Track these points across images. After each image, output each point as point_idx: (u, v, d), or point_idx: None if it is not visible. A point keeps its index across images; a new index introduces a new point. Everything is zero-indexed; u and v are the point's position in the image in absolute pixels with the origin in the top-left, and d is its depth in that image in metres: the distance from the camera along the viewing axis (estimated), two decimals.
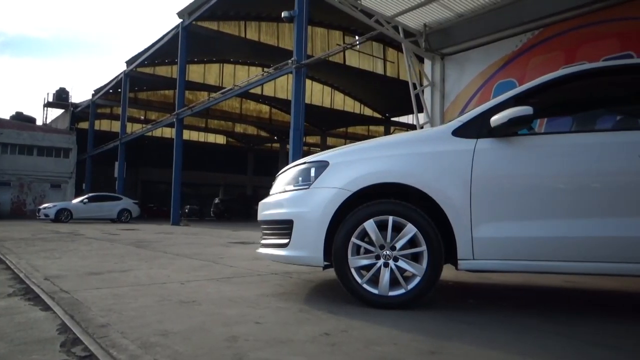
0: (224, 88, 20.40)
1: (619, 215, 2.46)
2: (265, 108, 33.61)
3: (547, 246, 2.50)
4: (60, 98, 33.91)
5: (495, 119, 2.59)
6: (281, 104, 31.18)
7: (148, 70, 26.72)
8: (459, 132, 2.72)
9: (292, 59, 12.13)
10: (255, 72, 27.05)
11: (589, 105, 3.58)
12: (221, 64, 29.03)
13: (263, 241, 3.17)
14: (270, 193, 3.22)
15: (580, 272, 2.57)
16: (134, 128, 29.46)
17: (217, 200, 33.26)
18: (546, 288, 3.71)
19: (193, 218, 31.00)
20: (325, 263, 2.75)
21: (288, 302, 2.80)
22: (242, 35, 23.89)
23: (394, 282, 2.61)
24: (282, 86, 29.08)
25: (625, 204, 2.47)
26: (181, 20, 19.33)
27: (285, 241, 2.85)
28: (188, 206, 33.27)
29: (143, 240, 8.22)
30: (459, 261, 2.58)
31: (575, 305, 3.07)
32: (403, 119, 32.96)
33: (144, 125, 27.81)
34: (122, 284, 3.38)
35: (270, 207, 3.08)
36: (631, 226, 2.43)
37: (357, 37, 23.31)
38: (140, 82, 27.38)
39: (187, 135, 33.40)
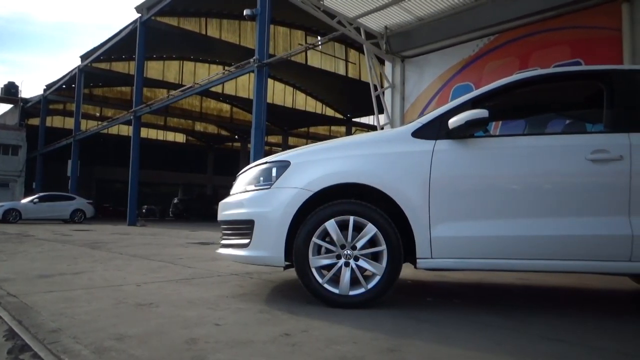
0: (184, 86, 20.04)
1: (568, 215, 2.58)
2: (226, 107, 33.19)
3: (501, 245, 2.59)
4: (9, 93, 32.32)
5: (453, 121, 2.66)
6: (242, 103, 30.87)
7: (104, 65, 25.86)
8: (418, 134, 2.77)
9: (254, 57, 12.03)
10: (217, 70, 26.66)
11: (540, 109, 3.73)
12: (181, 61, 28.45)
13: (223, 241, 3.13)
14: (231, 193, 3.18)
15: (532, 269, 2.68)
16: (88, 125, 28.44)
17: (176, 200, 32.59)
18: (500, 285, 3.83)
19: (151, 218, 30.25)
20: (286, 263, 2.74)
21: (248, 302, 2.78)
22: (203, 32, 23.50)
23: (354, 282, 2.63)
24: (243, 85, 28.80)
25: (574, 204, 2.59)
26: (139, 15, 18.82)
27: (245, 241, 2.82)
28: (145, 206, 32.44)
29: (98, 241, 7.95)
30: (417, 260, 2.63)
31: (527, 301, 3.19)
32: (364, 119, 33.32)
33: (99, 123, 26.88)
34: (74, 287, 3.25)
35: (231, 207, 3.05)
36: (579, 225, 2.55)
37: (319, 38, 23.37)
38: (95, 77, 26.45)
39: (145, 133, 32.57)
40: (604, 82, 2.85)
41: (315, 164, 2.79)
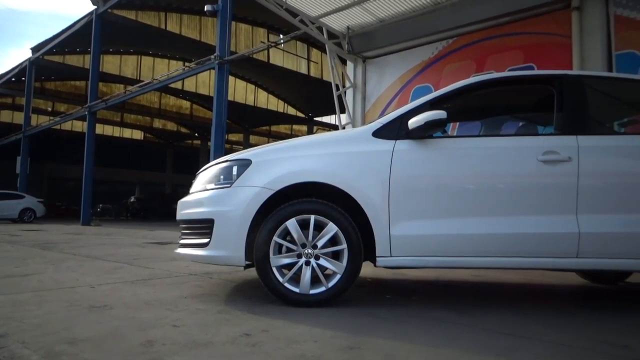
0: (142, 81, 19.47)
1: (521, 213, 2.68)
2: (186, 104, 32.53)
3: (458, 243, 2.67)
4: None
5: (413, 122, 2.71)
6: (203, 100, 30.33)
7: (57, 58, 24.80)
8: (378, 134, 2.81)
9: (215, 54, 11.85)
10: (176, 66, 26.07)
11: (495, 112, 3.86)
12: (139, 56, 27.66)
13: (182, 241, 3.07)
14: (190, 191, 3.12)
15: (486, 266, 2.77)
16: (40, 120, 27.21)
17: (132, 199, 31.69)
18: (456, 282, 3.94)
19: (106, 217, 29.29)
20: (247, 262, 2.73)
21: (208, 303, 2.74)
22: (163, 27, 22.93)
23: (315, 280, 2.64)
24: (204, 82, 28.31)
25: (526, 203, 2.69)
26: (95, 7, 18.17)
27: (205, 241, 2.78)
28: (100, 205, 31.39)
29: (49, 242, 7.63)
30: (377, 258, 2.67)
31: (482, 297, 3.29)
32: (326, 119, 33.44)
33: (51, 118, 25.77)
34: (23, 290, 3.11)
35: (190, 205, 2.99)
36: (531, 224, 2.66)
37: (281, 36, 23.29)
38: (48, 71, 25.33)
39: (101, 129, 31.49)
40: (554, 87, 2.97)
41: (277, 163, 2.78)
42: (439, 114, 2.64)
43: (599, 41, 6.22)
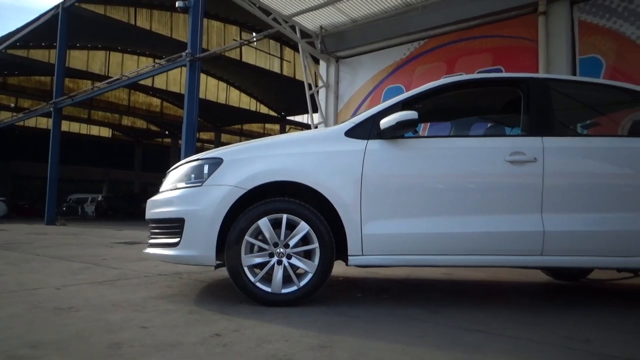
0: (111, 77, 19.01)
1: (489, 212, 2.74)
2: (156, 101, 31.92)
3: (428, 241, 2.71)
4: None
5: (384, 122, 2.74)
6: (173, 98, 29.83)
7: (21, 53, 23.92)
8: (351, 133, 2.83)
9: (187, 51, 11.67)
10: (146, 62, 25.55)
11: (465, 113, 3.93)
12: (107, 52, 26.96)
13: (151, 241, 3.01)
14: (160, 190, 3.07)
15: (455, 264, 2.82)
16: (2, 117, 26.24)
17: (100, 198, 30.90)
18: (426, 280, 4.00)
19: (72, 217, 28.49)
20: (218, 262, 2.70)
21: (177, 303, 2.70)
22: (132, 22, 22.41)
23: (286, 280, 2.64)
24: (175, 79, 27.84)
25: (494, 203, 2.76)
26: (62, 0, 17.63)
27: (175, 240, 2.74)
28: (66, 204, 30.49)
29: (11, 242, 7.37)
30: (349, 257, 2.69)
31: (451, 295, 3.35)
32: (298, 118, 33.40)
33: (14, 114, 24.88)
34: None
35: (160, 204, 2.94)
36: (499, 222, 2.72)
37: (254, 34, 23.12)
38: (10, 65, 24.41)
39: (67, 126, 30.59)
40: (521, 89, 3.05)
41: (249, 162, 2.76)
42: (410, 114, 2.68)
43: (564, 45, 6.42)
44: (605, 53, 6.15)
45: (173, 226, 2.77)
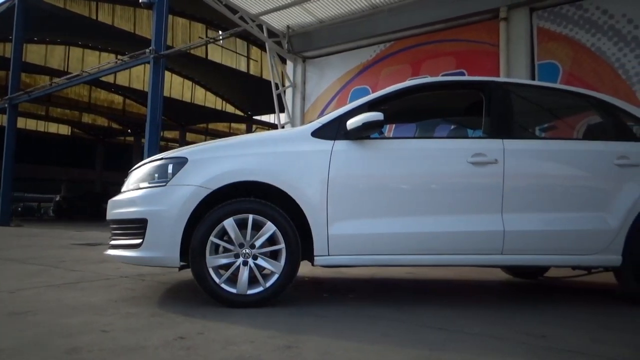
0: (70, 73, 18.40)
1: (452, 212, 2.81)
2: (118, 98, 31.05)
3: (393, 241, 2.75)
4: None
5: (351, 123, 2.76)
6: (137, 95, 29.08)
7: None
8: (317, 134, 2.84)
9: (151, 48, 11.41)
10: (108, 58, 24.81)
11: (429, 114, 4.01)
12: (67, 47, 26.04)
13: (113, 242, 2.93)
14: (122, 190, 2.99)
15: (419, 263, 2.88)
16: None
17: (58, 198, 29.82)
18: (391, 279, 4.05)
19: (28, 217, 27.39)
20: (182, 263, 2.66)
21: (140, 306, 2.64)
22: (94, 17, 21.72)
23: (252, 280, 2.62)
24: (138, 76, 27.16)
25: (457, 203, 2.83)
26: None
27: (138, 241, 2.67)
28: (22, 204, 29.30)
29: None
30: (315, 257, 2.69)
31: (416, 294, 3.41)
32: (265, 118, 33.18)
33: None
34: None
35: (122, 205, 2.87)
36: (461, 222, 2.79)
37: (220, 32, 22.84)
38: None
39: (23, 123, 29.38)
40: (483, 92, 3.14)
41: (214, 161, 2.73)
42: (376, 115, 2.71)
43: (524, 51, 6.64)
44: (562, 59, 6.39)
45: (135, 227, 2.71)
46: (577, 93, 3.42)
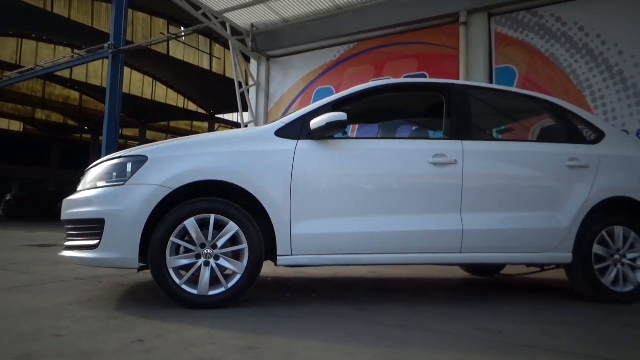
0: (23, 67, 17.62)
1: (413, 212, 2.86)
2: (74, 94, 29.96)
3: (356, 241, 2.77)
4: None
5: (314, 123, 2.76)
6: (94, 91, 28.13)
7: None
8: (281, 133, 2.83)
9: (109, 42, 11.10)
10: (64, 52, 23.89)
11: (392, 115, 4.07)
12: (20, 39, 24.91)
13: (67, 243, 2.82)
14: (78, 189, 2.89)
15: (381, 263, 2.92)
16: None
17: (8, 197, 28.51)
18: (354, 279, 4.09)
19: None
20: (141, 264, 2.59)
21: (96, 309, 2.55)
22: (49, 9, 20.89)
23: (214, 281, 2.59)
24: (95, 71, 26.32)
25: (418, 203, 2.88)
26: None
27: (94, 242, 2.59)
28: None
29: None
30: (278, 257, 2.69)
31: (377, 293, 3.46)
32: (228, 116, 32.81)
33: None
34: None
35: (78, 204, 2.77)
36: (422, 222, 2.85)
37: (182, 29, 22.43)
38: None
39: None
40: (443, 95, 3.21)
41: (175, 160, 2.67)
42: (339, 115, 2.72)
43: (482, 55, 6.83)
44: (518, 64, 6.62)
45: (92, 227, 2.62)
46: (532, 97, 3.55)
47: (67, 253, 2.78)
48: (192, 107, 32.28)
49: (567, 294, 3.48)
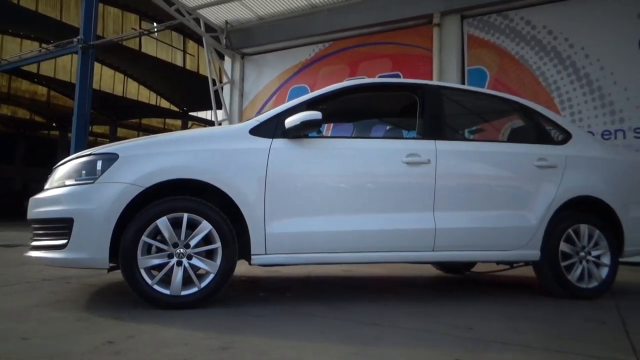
0: None
1: (387, 211, 2.89)
2: (42, 89, 29.08)
3: (330, 239, 2.78)
4: None
5: (289, 121, 2.76)
6: (63, 87, 27.38)
7: None
8: (255, 131, 2.81)
9: (79, 37, 10.80)
10: (31, 46, 23.18)
11: (366, 115, 4.10)
12: None
13: (34, 243, 2.74)
14: (46, 187, 2.81)
15: (355, 261, 2.94)
16: None
17: None
18: (327, 277, 4.11)
19: None
20: (111, 265, 2.54)
21: (64, 311, 2.49)
22: (15, 1, 20.22)
23: (187, 281, 2.55)
24: (64, 66, 25.59)
25: (391, 202, 2.91)
26: None
27: (62, 242, 2.52)
28: None
29: None
30: (252, 256, 2.67)
31: (351, 291, 3.48)
32: (202, 114, 32.41)
33: None
34: None
35: (45, 203, 2.69)
36: (395, 220, 2.88)
37: (155, 24, 22.03)
38: None
39: None
40: (417, 95, 3.25)
41: (147, 158, 2.63)
42: (314, 114, 2.72)
43: (455, 56, 6.95)
44: (489, 65, 6.76)
45: (60, 226, 2.55)
46: (503, 98, 3.63)
47: (33, 253, 2.70)
48: (164, 104, 31.76)
49: (534, 291, 3.57)
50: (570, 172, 3.28)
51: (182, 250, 2.56)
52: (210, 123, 28.21)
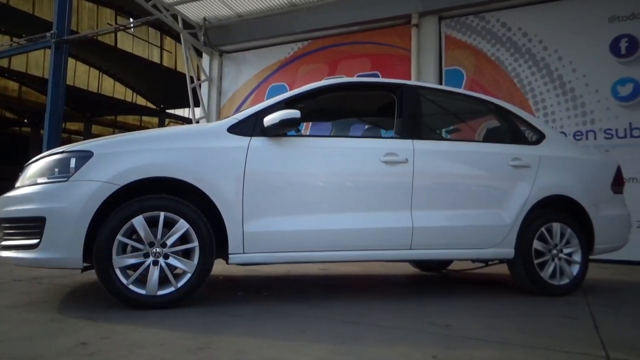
0: None
1: (365, 210, 2.90)
2: (13, 84, 28.27)
3: (308, 238, 2.78)
4: None
5: (268, 120, 2.75)
6: (35, 82, 26.65)
7: None
8: (234, 130, 2.79)
9: (52, 32, 10.55)
10: (1, 40, 22.50)
11: (345, 114, 4.11)
12: None
13: (5, 242, 2.66)
14: (16, 186, 2.73)
15: (333, 260, 2.95)
16: None
17: None
18: (306, 276, 4.11)
19: None
20: (85, 264, 2.49)
21: (36, 312, 2.43)
22: None
23: (163, 281, 2.52)
24: (37, 62, 24.94)
25: (369, 200, 2.93)
26: None
27: (34, 241, 2.46)
28: None
29: None
30: (230, 255, 2.65)
31: (329, 290, 3.49)
32: (179, 111, 31.98)
33: None
34: None
35: (16, 202, 2.61)
36: (373, 219, 2.89)
37: (131, 20, 21.65)
38: None
39: None
40: (395, 94, 3.28)
41: (123, 156, 2.58)
42: (293, 113, 2.72)
43: (433, 56, 7.02)
44: (466, 66, 6.85)
45: (31, 225, 2.49)
46: (479, 98, 3.69)
47: (4, 253, 2.62)
48: (141, 101, 31.25)
49: (509, 288, 3.64)
50: (544, 171, 3.36)
51: (158, 250, 2.52)
52: (187, 121, 27.88)
